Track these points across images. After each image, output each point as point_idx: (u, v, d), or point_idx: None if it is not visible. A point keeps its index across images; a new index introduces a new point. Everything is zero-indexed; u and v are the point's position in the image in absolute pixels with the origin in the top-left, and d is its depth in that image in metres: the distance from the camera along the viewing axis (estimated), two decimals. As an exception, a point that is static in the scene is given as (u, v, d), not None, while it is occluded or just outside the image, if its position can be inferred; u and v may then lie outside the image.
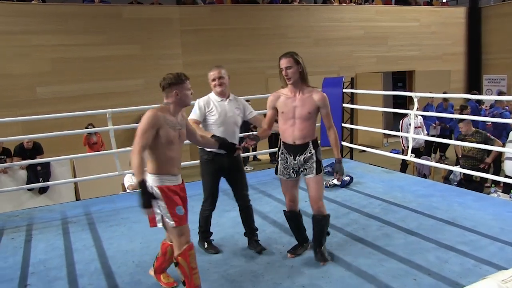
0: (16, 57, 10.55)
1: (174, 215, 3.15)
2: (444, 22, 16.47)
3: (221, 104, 4.11)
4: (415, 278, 3.51)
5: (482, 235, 4.32)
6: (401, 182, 6.34)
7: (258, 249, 4.14)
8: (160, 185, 3.14)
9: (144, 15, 12.08)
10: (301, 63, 3.69)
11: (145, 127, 3.07)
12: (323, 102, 3.72)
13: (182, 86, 3.23)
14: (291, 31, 13.90)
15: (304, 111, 3.70)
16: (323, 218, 3.85)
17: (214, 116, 4.07)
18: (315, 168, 3.76)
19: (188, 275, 3.19)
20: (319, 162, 3.79)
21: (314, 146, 3.79)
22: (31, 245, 4.68)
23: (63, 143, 9.25)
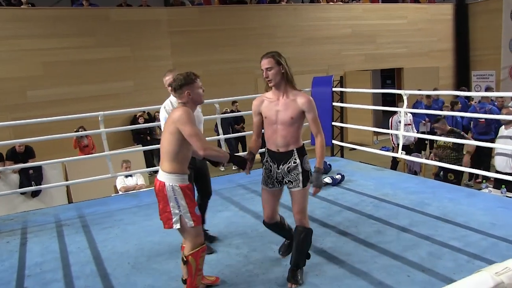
0: (6, 61, 10.50)
1: (193, 215, 3.16)
2: (431, 19, 16.62)
3: None
4: (408, 275, 3.56)
5: (474, 231, 4.37)
6: (392, 179, 6.41)
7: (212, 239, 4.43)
8: (182, 184, 3.14)
9: (132, 17, 12.07)
10: (284, 64, 3.39)
11: (192, 119, 3.08)
12: (308, 106, 3.37)
13: (193, 85, 3.21)
14: (279, 31, 13.95)
15: (287, 116, 3.38)
16: (304, 231, 3.55)
17: None
18: (301, 180, 3.45)
19: (193, 275, 3.22)
20: (306, 172, 3.46)
21: (300, 155, 3.46)
22: (26, 248, 4.69)
23: (54, 147, 9.22)
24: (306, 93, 3.47)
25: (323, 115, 7.37)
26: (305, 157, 3.49)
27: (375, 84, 16.46)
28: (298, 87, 3.49)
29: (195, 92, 3.22)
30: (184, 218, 3.15)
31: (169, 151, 3.12)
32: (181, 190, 3.12)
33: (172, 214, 3.14)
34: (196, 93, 3.23)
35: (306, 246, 3.60)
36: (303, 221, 3.55)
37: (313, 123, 3.44)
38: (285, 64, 3.40)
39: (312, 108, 3.41)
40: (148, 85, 11.71)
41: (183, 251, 3.29)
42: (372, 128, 7.32)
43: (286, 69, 3.40)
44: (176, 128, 3.07)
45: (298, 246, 3.56)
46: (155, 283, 3.70)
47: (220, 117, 7.21)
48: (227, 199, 5.83)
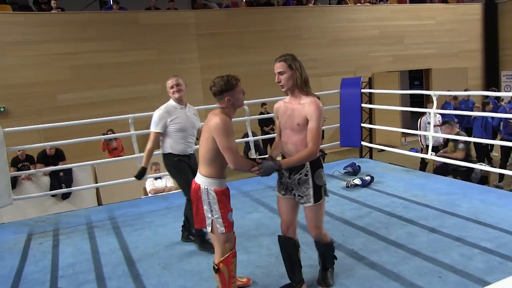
0: (36, 65, 10.74)
1: (225, 221, 3.08)
2: (459, 19, 16.38)
3: (182, 112, 4.37)
4: (440, 276, 3.52)
5: (506, 232, 4.31)
6: (422, 181, 6.34)
7: None
8: (217, 188, 3.08)
9: (160, 21, 12.20)
10: (297, 69, 3.19)
11: (229, 131, 2.98)
12: (311, 113, 3.11)
13: (234, 91, 3.11)
14: (306, 32, 13.95)
15: (294, 122, 3.19)
16: (324, 245, 3.43)
17: (177, 124, 4.32)
18: (312, 196, 3.21)
19: (227, 282, 3.13)
20: (318, 188, 3.22)
21: (313, 167, 3.22)
22: (59, 250, 4.79)
23: (84, 149, 9.39)
24: (317, 100, 3.17)
25: (352, 117, 7.42)
26: (319, 170, 3.23)
27: (403, 85, 16.28)
28: (327, 89, 3.35)
29: (236, 97, 3.12)
30: (216, 223, 3.08)
31: (206, 157, 3.07)
32: (215, 194, 3.06)
33: (206, 217, 3.10)
34: (237, 98, 3.13)
35: (330, 253, 3.51)
36: (320, 237, 3.38)
37: (310, 132, 3.13)
38: (299, 68, 3.21)
39: (316, 117, 3.12)
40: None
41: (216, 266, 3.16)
42: (401, 129, 7.25)
43: (298, 73, 3.19)
44: (211, 137, 3.00)
45: (322, 256, 3.49)
46: (186, 284, 3.74)
47: (249, 119, 7.24)
48: (257, 200, 5.84)
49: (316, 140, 3.13)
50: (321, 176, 3.24)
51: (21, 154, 8.91)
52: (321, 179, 3.24)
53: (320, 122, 3.14)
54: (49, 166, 8.67)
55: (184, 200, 4.44)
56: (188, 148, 4.44)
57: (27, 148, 8.24)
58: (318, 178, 3.22)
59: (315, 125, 3.12)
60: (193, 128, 4.46)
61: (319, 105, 3.14)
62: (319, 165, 3.25)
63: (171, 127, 4.34)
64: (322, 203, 3.27)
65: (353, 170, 6.86)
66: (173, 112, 4.34)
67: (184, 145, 4.39)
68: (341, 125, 7.66)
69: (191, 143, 4.46)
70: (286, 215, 3.39)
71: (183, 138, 4.37)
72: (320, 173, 3.24)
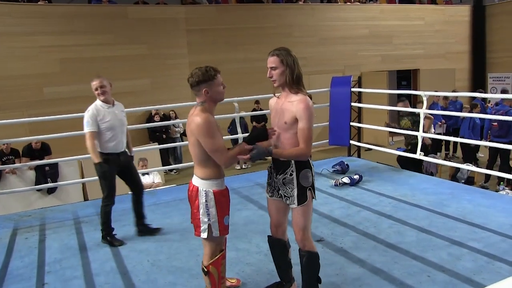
0: (23, 57, 10.58)
1: (221, 224, 3.01)
2: (448, 20, 16.51)
3: (110, 111, 4.52)
4: (429, 275, 3.55)
5: (493, 232, 4.36)
6: (410, 180, 6.37)
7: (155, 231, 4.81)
8: (217, 190, 2.99)
9: (150, 15, 12.12)
10: (288, 65, 3.02)
11: (212, 131, 2.84)
12: (301, 113, 2.94)
13: (212, 82, 2.92)
14: (296, 30, 13.97)
15: (281, 121, 3.05)
16: (306, 254, 3.14)
17: (106, 123, 4.48)
18: (295, 197, 3.04)
19: (216, 283, 3.08)
20: (303, 189, 3.04)
21: (298, 167, 3.05)
22: (45, 245, 4.73)
23: (71, 144, 9.24)
24: (306, 99, 2.99)
25: (341, 116, 7.43)
26: (304, 171, 3.05)
27: (391, 85, 16.37)
28: (316, 87, 3.20)
29: (214, 90, 2.94)
30: (212, 227, 2.98)
31: (198, 160, 2.97)
32: (214, 197, 2.96)
33: (201, 222, 2.98)
34: (215, 91, 2.95)
35: (313, 270, 3.19)
36: (305, 243, 3.14)
37: (301, 133, 2.97)
38: (292, 65, 3.03)
39: (306, 117, 2.95)
40: (164, 83, 11.77)
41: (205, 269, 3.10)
42: (390, 129, 7.28)
43: (289, 70, 3.03)
44: (196, 140, 2.88)
45: (304, 272, 3.19)
46: (176, 281, 3.71)
47: (239, 115, 7.23)
48: (246, 197, 5.84)
49: (308, 141, 2.97)
50: (307, 177, 3.06)
51: (6, 148, 8.79)
52: (306, 180, 3.06)
53: (310, 122, 2.98)
54: (34, 160, 8.58)
55: (171, 196, 4.47)
56: (118, 145, 4.60)
57: (12, 141, 8.15)
58: (303, 178, 3.05)
59: (305, 125, 2.96)
60: (122, 126, 4.62)
61: (308, 104, 2.97)
62: (306, 165, 3.07)
63: (101, 126, 4.47)
64: (308, 205, 3.07)
65: (341, 168, 6.88)
66: (101, 112, 4.47)
67: (113, 142, 4.54)
68: (330, 124, 7.67)
69: (121, 141, 4.62)
70: (274, 216, 3.30)
71: (113, 136, 4.52)
72: (307, 173, 3.06)
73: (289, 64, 3.03)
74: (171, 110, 11.80)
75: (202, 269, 3.11)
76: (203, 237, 3.01)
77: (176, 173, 11.86)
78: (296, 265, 3.32)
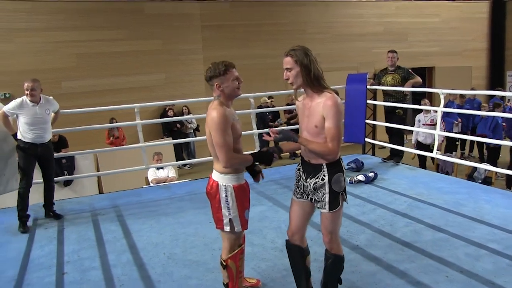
0: (41, 52, 10.77)
1: (242, 219, 3.03)
2: (465, 17, 16.30)
3: (33, 108, 5.07)
4: (447, 275, 3.52)
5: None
6: (425, 179, 6.34)
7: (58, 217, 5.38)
8: (236, 184, 3.00)
9: (165, 11, 12.19)
10: (304, 64, 2.85)
11: (224, 127, 2.82)
12: (327, 111, 2.78)
13: (224, 77, 2.91)
14: (310, 27, 13.92)
15: (311, 124, 2.88)
16: (332, 257, 3.08)
17: (26, 117, 5.03)
18: (327, 202, 2.88)
19: (234, 278, 3.10)
20: (335, 194, 2.88)
21: (330, 171, 2.89)
22: (63, 236, 4.81)
23: (87, 137, 9.36)
24: (333, 97, 2.83)
25: (357, 113, 7.40)
26: (337, 175, 2.89)
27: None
28: (329, 84, 2.92)
29: (226, 85, 2.93)
30: (233, 221, 3.00)
31: (215, 154, 2.95)
32: (234, 191, 2.97)
33: (223, 216, 2.99)
34: (227, 86, 2.93)
35: (336, 272, 3.15)
36: (332, 246, 3.04)
37: (328, 132, 2.80)
38: (308, 64, 2.85)
39: (333, 115, 2.78)
40: (178, 78, 11.83)
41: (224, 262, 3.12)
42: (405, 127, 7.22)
43: (306, 70, 2.85)
44: (209, 132, 2.90)
45: (327, 272, 3.15)
46: (191, 274, 3.74)
47: (254, 111, 7.23)
48: (260, 193, 5.84)
49: (337, 140, 2.80)
50: (339, 181, 2.90)
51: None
52: (339, 185, 2.90)
53: (338, 120, 2.79)
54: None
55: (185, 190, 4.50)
56: (37, 138, 5.12)
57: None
58: (335, 183, 2.88)
59: (332, 124, 2.78)
60: (42, 123, 5.14)
61: (336, 101, 2.80)
62: (338, 169, 2.91)
63: (21, 119, 5.06)
64: (340, 210, 2.94)
65: (356, 166, 6.86)
66: (24, 107, 5.03)
67: (32, 135, 5.07)
68: (346, 121, 7.64)
69: (40, 134, 5.14)
70: (294, 220, 3.11)
71: (32, 130, 5.07)
72: (339, 177, 2.91)
73: (304, 64, 2.84)
74: (184, 106, 11.86)
75: (220, 262, 3.13)
76: (226, 230, 3.02)
77: (190, 167, 11.92)
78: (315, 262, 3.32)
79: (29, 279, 3.83)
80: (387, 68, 7.24)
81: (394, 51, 7.21)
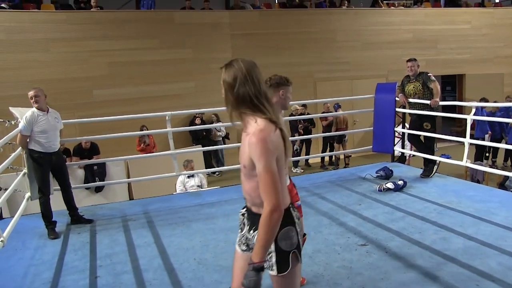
0: (74, 61, 11.08)
1: None
2: (496, 23, 16.07)
3: (44, 116, 5.22)
4: (477, 284, 3.49)
5: (548, 244, 4.22)
6: (456, 187, 6.26)
7: (86, 221, 5.50)
8: None
9: (195, 20, 12.39)
10: (227, 81, 2.21)
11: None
12: (253, 150, 2.08)
13: (288, 88, 3.28)
14: (339, 35, 13.94)
15: (241, 163, 2.22)
16: None
17: (41, 127, 5.17)
18: (275, 263, 2.20)
19: None
20: (284, 253, 2.19)
21: None
22: (96, 240, 4.92)
23: (118, 144, 9.57)
24: (261, 128, 2.08)
25: (386, 122, 7.38)
26: (285, 229, 2.18)
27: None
28: (359, 92, 2.53)
29: (287, 95, 3.28)
30: None
31: None
32: None
33: None
34: (287, 96, 3.29)
35: None
36: None
37: (259, 180, 2.09)
38: (231, 81, 2.19)
39: (260, 154, 2.06)
40: (208, 86, 11.96)
41: None
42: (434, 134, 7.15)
43: (230, 88, 2.20)
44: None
45: None
46: (222, 279, 3.79)
47: (287, 119, 7.28)
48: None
49: (271, 191, 2.06)
50: (289, 237, 2.20)
51: (60, 147, 9.13)
52: (289, 242, 2.20)
53: (270, 160, 2.07)
54: (84, 160, 8.89)
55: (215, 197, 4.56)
56: (50, 147, 5.25)
57: (64, 141, 8.45)
58: (283, 239, 2.19)
59: (261, 167, 2.07)
60: (54, 130, 5.31)
61: (263, 137, 2.06)
62: (286, 221, 2.18)
63: (36, 129, 5.15)
64: (292, 274, 2.22)
65: (385, 174, 6.83)
66: (36, 118, 5.16)
67: (45, 144, 5.20)
68: (375, 130, 7.63)
69: (53, 142, 5.29)
70: (238, 277, 2.37)
71: (45, 137, 5.20)
72: (289, 233, 2.20)
73: (227, 81, 2.21)
74: (213, 114, 11.99)
75: None
76: None
77: (219, 175, 12.02)
78: None
79: (63, 282, 3.94)
80: (409, 76, 7.18)
81: (413, 59, 7.12)
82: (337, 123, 12.17)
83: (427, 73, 6.99)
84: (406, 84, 7.16)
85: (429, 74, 6.96)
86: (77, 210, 5.61)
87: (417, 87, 6.96)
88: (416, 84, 6.98)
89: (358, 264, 3.95)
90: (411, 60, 7.10)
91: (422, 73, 7.02)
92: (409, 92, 7.08)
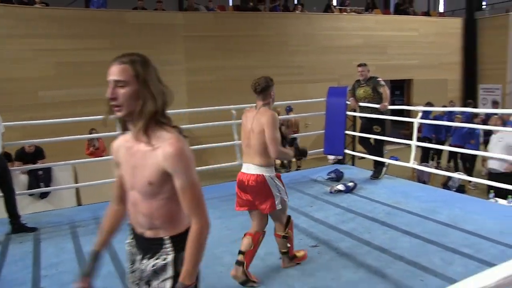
0: (19, 60, 10.49)
1: (287, 194, 3.76)
2: (441, 32, 16.69)
3: None
4: (422, 279, 3.63)
5: (484, 238, 4.45)
6: (404, 188, 6.45)
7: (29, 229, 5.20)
8: (277, 174, 3.72)
9: (148, 21, 12.17)
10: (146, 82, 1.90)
11: (276, 126, 3.58)
12: (171, 162, 1.84)
13: (273, 87, 3.73)
14: (292, 39, 14.06)
15: (143, 179, 1.91)
16: None
17: None
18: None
19: (292, 242, 3.91)
20: None
21: (176, 247, 1.95)
22: (40, 249, 4.68)
23: (64, 148, 9.25)
24: (176, 139, 1.86)
25: (337, 125, 7.49)
26: (184, 253, 1.91)
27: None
28: (311, 95, 2.51)
29: (274, 93, 3.75)
30: (284, 197, 3.69)
31: (262, 149, 3.58)
32: (277, 177, 3.69)
33: (275, 197, 3.61)
34: (274, 94, 3.76)
35: None
36: None
37: (185, 197, 1.88)
38: (155, 80, 1.94)
39: (183, 168, 1.85)
40: (162, 89, 11.80)
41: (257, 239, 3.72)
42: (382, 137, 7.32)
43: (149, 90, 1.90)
44: (263, 131, 3.54)
45: None
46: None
47: (236, 122, 7.26)
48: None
49: (201, 206, 1.90)
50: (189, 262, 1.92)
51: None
52: None
53: (193, 172, 1.89)
54: (27, 164, 8.50)
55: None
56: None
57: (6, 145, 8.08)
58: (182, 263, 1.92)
59: (187, 182, 1.87)
60: None
61: (181, 147, 1.85)
62: (184, 244, 1.92)
63: None
64: None
65: (336, 176, 6.94)
66: None
67: None
68: (326, 133, 7.75)
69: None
70: None
71: None
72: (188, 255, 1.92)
73: (147, 80, 1.91)
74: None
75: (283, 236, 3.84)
76: (278, 208, 3.64)
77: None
78: None
79: (-1, 297, 3.73)
80: (360, 80, 7.33)
81: (364, 64, 7.29)
82: (289, 126, 12.26)
83: (377, 78, 7.15)
84: (357, 88, 7.30)
85: (378, 79, 7.11)
86: (19, 218, 5.30)
87: (367, 91, 7.11)
88: (366, 89, 7.12)
89: (309, 265, 3.99)
90: (362, 65, 7.24)
91: (372, 78, 7.17)
92: (359, 96, 7.22)
